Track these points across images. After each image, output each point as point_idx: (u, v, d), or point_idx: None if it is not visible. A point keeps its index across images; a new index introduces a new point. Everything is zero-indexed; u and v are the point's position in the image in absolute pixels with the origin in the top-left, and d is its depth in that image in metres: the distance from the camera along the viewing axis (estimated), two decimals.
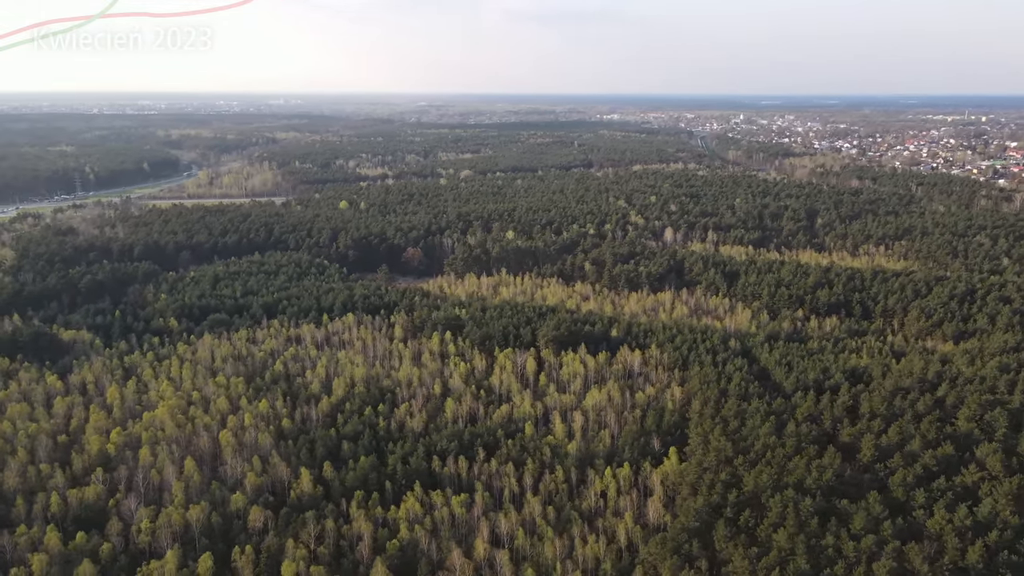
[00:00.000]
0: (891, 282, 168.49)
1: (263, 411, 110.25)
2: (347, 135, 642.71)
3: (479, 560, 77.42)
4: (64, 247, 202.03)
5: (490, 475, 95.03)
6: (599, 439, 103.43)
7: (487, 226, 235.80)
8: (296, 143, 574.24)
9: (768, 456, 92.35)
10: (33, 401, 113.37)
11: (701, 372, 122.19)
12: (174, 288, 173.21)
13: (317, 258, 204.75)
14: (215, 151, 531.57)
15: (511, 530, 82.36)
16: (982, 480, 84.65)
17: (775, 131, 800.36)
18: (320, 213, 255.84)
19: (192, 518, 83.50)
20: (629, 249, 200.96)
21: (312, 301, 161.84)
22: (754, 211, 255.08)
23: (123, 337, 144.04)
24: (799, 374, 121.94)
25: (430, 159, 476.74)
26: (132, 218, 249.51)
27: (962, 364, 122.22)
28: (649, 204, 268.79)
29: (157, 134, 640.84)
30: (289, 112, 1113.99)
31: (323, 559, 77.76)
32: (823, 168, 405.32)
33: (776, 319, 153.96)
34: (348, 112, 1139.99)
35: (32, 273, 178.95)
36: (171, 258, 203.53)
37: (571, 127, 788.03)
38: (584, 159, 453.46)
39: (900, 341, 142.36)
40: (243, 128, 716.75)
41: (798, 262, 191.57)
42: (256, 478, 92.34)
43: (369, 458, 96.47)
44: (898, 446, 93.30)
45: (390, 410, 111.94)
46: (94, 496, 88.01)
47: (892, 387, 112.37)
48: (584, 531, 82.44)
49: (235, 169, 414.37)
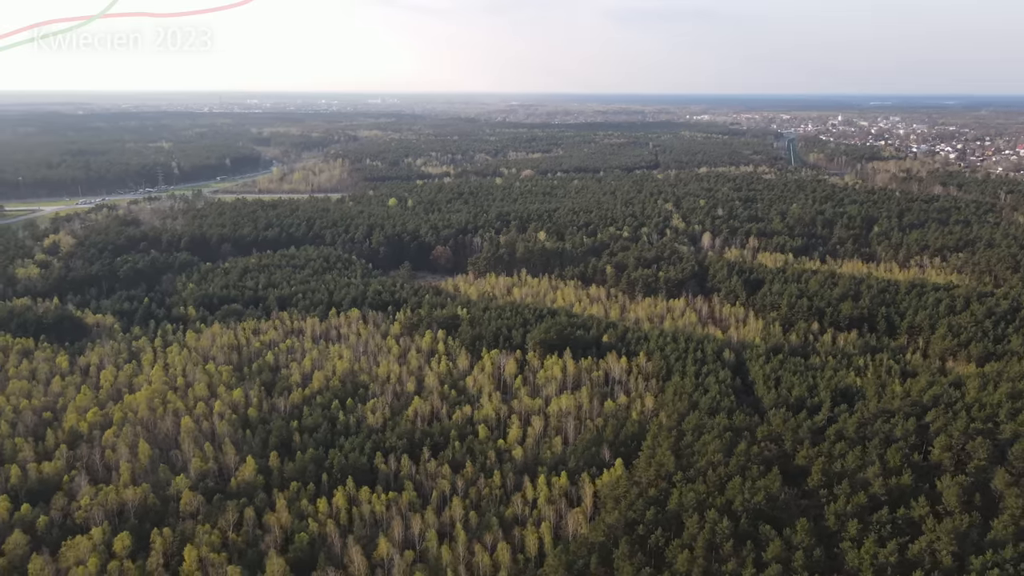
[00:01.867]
0: (926, 296, 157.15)
1: (235, 399, 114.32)
2: (426, 133, 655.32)
3: (377, 559, 77.65)
4: (119, 236, 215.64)
5: (428, 476, 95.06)
6: (549, 446, 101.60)
7: (523, 226, 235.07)
8: (374, 141, 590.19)
9: (709, 474, 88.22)
10: (37, 379, 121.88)
11: (680, 383, 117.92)
12: (204, 278, 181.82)
13: (349, 254, 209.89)
14: (297, 148, 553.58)
15: (424, 531, 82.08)
16: (929, 515, 77.94)
17: (873, 133, 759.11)
18: (364, 210, 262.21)
19: (130, 498, 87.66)
20: (656, 253, 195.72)
21: (325, 295, 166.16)
22: (806, 217, 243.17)
23: (144, 323, 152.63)
24: (785, 390, 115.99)
25: (498, 158, 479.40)
26: (192, 211, 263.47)
27: (973, 388, 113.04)
28: (696, 208, 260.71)
29: (251, 131, 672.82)
30: (381, 111, 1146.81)
31: (234, 546, 80.00)
32: (907, 173, 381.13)
33: (790, 331, 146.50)
34: (438, 111, 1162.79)
35: (82, 260, 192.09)
36: (214, 249, 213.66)
37: (654, 128, 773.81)
38: (652, 161, 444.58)
39: (918, 360, 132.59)
40: (329, 126, 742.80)
41: (832, 272, 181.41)
42: (202, 464, 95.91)
43: (312, 451, 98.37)
44: (853, 472, 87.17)
45: (357, 405, 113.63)
46: (52, 471, 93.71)
47: (876, 409, 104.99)
48: (496, 538, 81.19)
49: (308, 166, 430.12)
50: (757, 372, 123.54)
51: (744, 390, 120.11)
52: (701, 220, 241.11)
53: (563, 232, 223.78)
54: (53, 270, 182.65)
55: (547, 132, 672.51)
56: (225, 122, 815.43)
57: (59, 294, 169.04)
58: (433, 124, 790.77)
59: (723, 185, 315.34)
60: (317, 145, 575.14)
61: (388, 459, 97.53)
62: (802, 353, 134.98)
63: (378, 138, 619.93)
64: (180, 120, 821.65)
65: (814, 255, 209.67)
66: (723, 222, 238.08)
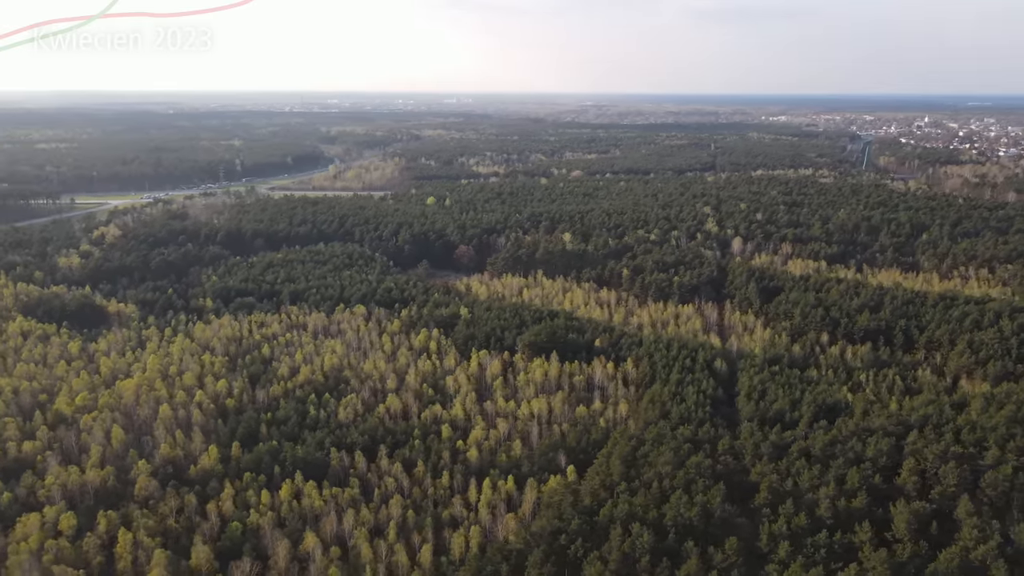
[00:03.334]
0: (954, 310, 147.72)
1: (218, 390, 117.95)
2: (489, 133, 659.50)
3: (303, 552, 78.61)
4: (161, 230, 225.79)
5: (379, 473, 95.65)
6: (508, 449, 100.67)
7: (552, 227, 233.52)
8: (434, 140, 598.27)
9: (652, 486, 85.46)
10: (47, 363, 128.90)
11: (658, 391, 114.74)
12: (229, 272, 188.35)
13: (373, 251, 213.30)
14: (360, 146, 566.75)
15: (354, 528, 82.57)
16: (870, 542, 73.22)
17: (960, 136, 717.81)
18: (400, 208, 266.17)
19: (91, 480, 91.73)
20: (676, 257, 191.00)
21: (336, 291, 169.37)
22: (849, 224, 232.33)
23: (162, 313, 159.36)
24: (767, 403, 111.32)
25: (553, 158, 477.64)
26: (238, 206, 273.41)
27: (976, 409, 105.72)
28: (736, 212, 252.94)
29: (320, 130, 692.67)
30: (452, 111, 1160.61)
31: (171, 532, 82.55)
32: (980, 178, 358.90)
33: (797, 341, 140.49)
34: (508, 111, 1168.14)
35: (121, 251, 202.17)
36: (248, 244, 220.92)
37: (723, 129, 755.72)
38: (709, 163, 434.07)
39: (926, 377, 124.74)
40: (396, 125, 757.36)
41: (858, 281, 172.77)
42: (169, 450, 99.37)
43: (272, 443, 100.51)
44: (803, 492, 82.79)
45: (331, 400, 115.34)
46: (31, 450, 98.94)
47: (855, 427, 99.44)
48: (425, 539, 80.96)
49: (364, 164, 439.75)
50: (745, 382, 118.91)
51: (727, 401, 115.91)
52: (736, 224, 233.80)
53: (590, 234, 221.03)
54: (92, 260, 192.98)
55: (610, 133, 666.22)
56: (299, 121, 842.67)
57: (93, 283, 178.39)
58: (499, 124, 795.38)
59: (772, 189, 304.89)
60: (380, 144, 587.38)
61: (344, 455, 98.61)
62: (803, 365, 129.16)
63: (440, 137, 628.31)
64: (258, 119, 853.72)
65: (850, 263, 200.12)
66: (759, 227, 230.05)
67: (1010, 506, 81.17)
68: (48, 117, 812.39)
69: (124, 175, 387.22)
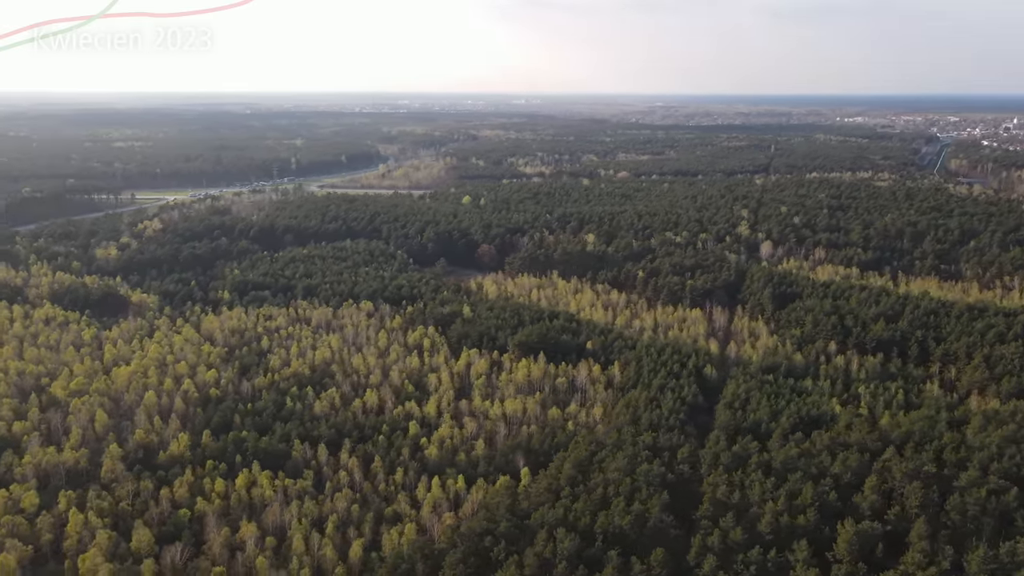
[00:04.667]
0: (980, 321, 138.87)
1: (207, 379, 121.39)
2: (547, 134, 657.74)
3: (239, 541, 79.95)
4: (199, 224, 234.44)
5: (336, 467, 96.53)
6: (468, 448, 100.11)
7: (579, 227, 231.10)
8: (489, 141, 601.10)
9: (597, 492, 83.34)
10: (58, 348, 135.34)
11: (635, 396, 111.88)
12: (253, 266, 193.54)
13: (396, 248, 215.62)
14: (416, 146, 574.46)
15: (292, 519, 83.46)
16: (802, 562, 69.44)
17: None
18: (433, 206, 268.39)
19: (65, 460, 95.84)
20: (695, 261, 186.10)
21: (348, 287, 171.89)
22: (892, 229, 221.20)
23: (181, 304, 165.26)
24: (747, 414, 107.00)
25: (605, 159, 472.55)
26: (278, 203, 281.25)
27: (973, 427, 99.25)
28: (774, 215, 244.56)
29: (381, 130, 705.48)
30: (517, 112, 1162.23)
31: (123, 515, 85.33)
32: None
33: (801, 349, 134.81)
34: (573, 112, 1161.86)
35: (156, 244, 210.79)
36: (278, 239, 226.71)
37: (791, 130, 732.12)
38: (765, 164, 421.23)
39: (934, 391, 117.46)
40: (456, 125, 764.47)
41: (883, 289, 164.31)
42: (144, 436, 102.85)
43: (243, 433, 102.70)
44: (752, 505, 79.23)
45: (308, 393, 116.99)
46: (20, 430, 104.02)
47: (829, 441, 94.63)
48: (361, 534, 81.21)
49: (414, 163, 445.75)
50: (729, 391, 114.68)
51: (707, 409, 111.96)
52: (770, 228, 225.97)
53: (614, 235, 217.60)
54: (128, 252, 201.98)
55: (669, 134, 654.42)
56: (364, 121, 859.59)
57: (124, 274, 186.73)
58: (559, 125, 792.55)
59: (821, 191, 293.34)
60: (437, 143, 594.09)
61: (307, 447, 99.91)
62: (802, 374, 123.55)
63: (496, 137, 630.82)
64: (325, 119, 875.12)
65: (885, 270, 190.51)
66: (794, 231, 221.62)
67: (979, 531, 75.71)
68: (132, 117, 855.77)
69: (185, 172, 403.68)
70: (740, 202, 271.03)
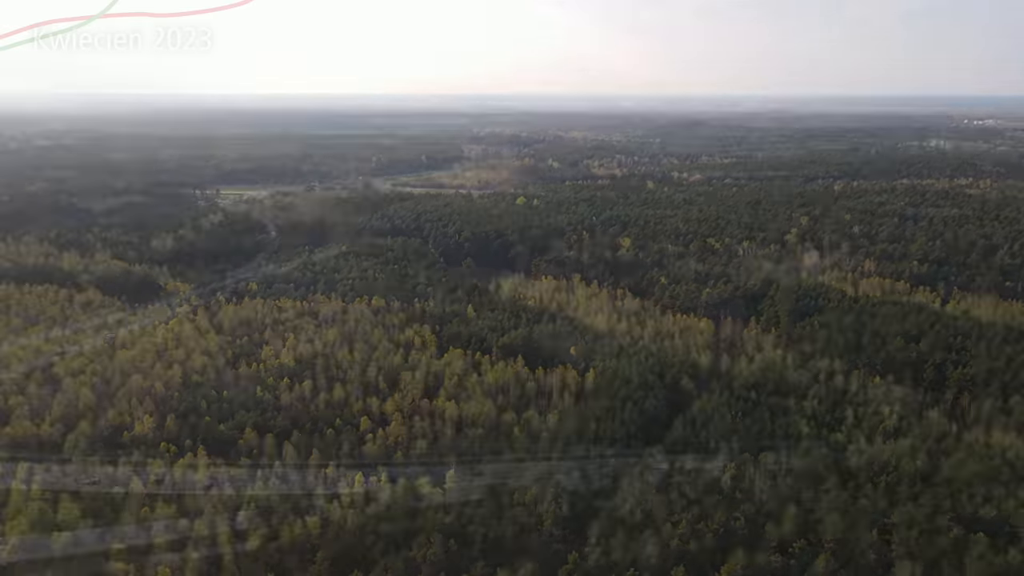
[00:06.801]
0: (1013, 345, 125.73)
1: (196, 366, 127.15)
2: (634, 136, 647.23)
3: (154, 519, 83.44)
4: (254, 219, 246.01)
5: (275, 457, 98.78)
6: (406, 447, 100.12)
7: (620, 231, 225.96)
8: (574, 141, 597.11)
9: (503, 499, 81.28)
10: (81, 330, 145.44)
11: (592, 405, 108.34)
12: (289, 260, 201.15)
13: (430, 247, 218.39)
14: (500, 146, 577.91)
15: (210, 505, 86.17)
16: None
17: None
18: (485, 207, 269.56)
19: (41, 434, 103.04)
20: (720, 268, 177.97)
21: (368, 283, 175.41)
22: (962, 242, 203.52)
23: (212, 294, 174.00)
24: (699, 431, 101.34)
25: (687, 162, 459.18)
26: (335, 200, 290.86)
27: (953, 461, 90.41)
28: (835, 223, 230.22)
29: (472, 130, 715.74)
30: (616, 113, 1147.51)
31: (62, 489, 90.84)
32: None
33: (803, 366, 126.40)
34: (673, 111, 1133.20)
35: (207, 235, 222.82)
36: (325, 235, 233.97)
37: (900, 134, 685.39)
38: (855, 169, 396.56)
39: (934, 418, 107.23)
40: (545, 126, 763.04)
41: (919, 305, 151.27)
42: (117, 416, 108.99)
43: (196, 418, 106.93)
44: (643, 527, 75.01)
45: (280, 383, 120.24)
46: (13, 404, 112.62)
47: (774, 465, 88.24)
48: (266, 523, 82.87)
49: (489, 163, 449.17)
50: (699, 406, 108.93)
51: (667, 423, 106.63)
52: (824, 236, 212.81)
53: (650, 239, 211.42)
54: (183, 243, 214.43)
55: (764, 136, 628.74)
56: (464, 122, 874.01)
57: (173, 264, 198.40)
58: (652, 127, 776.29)
59: (899, 200, 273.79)
60: (522, 144, 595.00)
61: (255, 435, 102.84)
62: (791, 392, 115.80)
63: (582, 138, 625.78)
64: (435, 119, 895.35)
65: (938, 285, 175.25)
66: (850, 240, 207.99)
67: (888, 569, 68.63)
68: (250, 116, 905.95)
69: (274, 169, 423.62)
70: (803, 208, 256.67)
